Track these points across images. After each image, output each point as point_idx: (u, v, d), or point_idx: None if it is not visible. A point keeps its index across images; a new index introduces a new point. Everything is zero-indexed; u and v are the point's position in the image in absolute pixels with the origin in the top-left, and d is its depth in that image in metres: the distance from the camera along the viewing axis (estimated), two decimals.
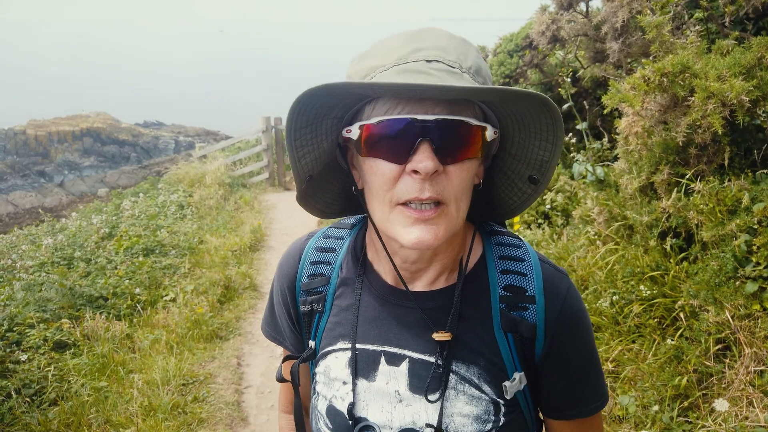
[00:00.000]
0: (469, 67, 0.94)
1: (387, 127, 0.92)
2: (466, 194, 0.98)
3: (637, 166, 3.63)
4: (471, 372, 1.05)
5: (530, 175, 1.04)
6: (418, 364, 1.06)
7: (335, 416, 1.11)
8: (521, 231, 4.82)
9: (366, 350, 1.10)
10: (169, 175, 14.38)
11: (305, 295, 1.19)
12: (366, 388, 1.09)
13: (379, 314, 1.11)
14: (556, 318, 1.05)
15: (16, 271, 7.39)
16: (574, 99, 5.61)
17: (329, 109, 0.98)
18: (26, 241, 9.59)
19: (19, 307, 5.67)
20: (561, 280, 1.08)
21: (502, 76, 5.58)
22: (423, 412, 1.05)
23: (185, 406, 4.53)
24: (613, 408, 3.17)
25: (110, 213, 11.13)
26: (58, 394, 4.36)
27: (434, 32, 0.98)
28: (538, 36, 4.72)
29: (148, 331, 5.70)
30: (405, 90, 0.87)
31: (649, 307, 3.32)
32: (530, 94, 0.87)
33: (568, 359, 1.08)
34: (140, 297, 6.40)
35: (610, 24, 3.85)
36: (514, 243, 1.12)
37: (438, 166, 0.90)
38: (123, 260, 7.45)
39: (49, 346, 5.07)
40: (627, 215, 3.71)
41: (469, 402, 1.04)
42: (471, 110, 0.94)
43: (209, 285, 6.87)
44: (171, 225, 9.67)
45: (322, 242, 1.23)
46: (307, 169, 1.05)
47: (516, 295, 1.06)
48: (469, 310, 1.07)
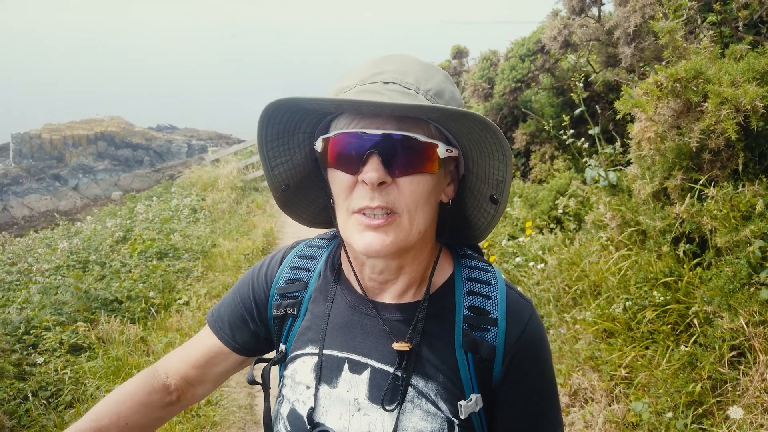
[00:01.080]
0: (428, 90, 1.00)
1: (342, 140, 1.00)
2: (422, 208, 1.02)
3: (650, 171, 3.62)
4: (429, 387, 1.07)
5: (491, 195, 1.08)
6: (379, 374, 1.09)
7: (295, 419, 1.13)
8: (534, 236, 4.81)
9: (331, 356, 1.13)
10: (183, 179, 14.50)
11: (280, 299, 1.23)
12: (327, 394, 1.11)
13: (348, 322, 1.15)
14: (516, 342, 1.08)
15: (33, 275, 7.49)
16: (587, 103, 5.60)
17: (297, 124, 1.08)
18: (42, 244, 9.71)
19: (35, 310, 5.74)
20: (524, 307, 1.12)
21: (513, 81, 5.58)
22: (379, 422, 1.06)
23: (198, 409, 4.57)
24: (627, 414, 3.16)
25: (124, 216, 11.24)
26: (74, 396, 4.41)
27: (400, 58, 1.05)
28: (549, 41, 4.72)
29: (162, 335, 5.74)
30: (356, 107, 0.95)
31: (662, 313, 3.30)
32: (464, 113, 0.93)
33: (524, 385, 1.10)
34: (154, 300, 6.46)
35: (622, 29, 3.84)
36: (483, 267, 1.16)
37: (385, 177, 0.97)
38: (137, 264, 7.52)
39: (65, 349, 5.13)
40: (640, 221, 3.69)
41: (424, 417, 1.05)
42: (423, 129, 1.00)
43: (222, 288, 6.92)
44: (184, 229, 9.75)
45: (305, 251, 1.28)
46: (281, 178, 1.14)
47: (479, 316, 1.09)
48: (434, 327, 1.10)
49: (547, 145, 5.72)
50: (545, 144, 5.75)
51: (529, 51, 5.60)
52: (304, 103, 0.99)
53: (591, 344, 3.64)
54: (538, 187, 5.42)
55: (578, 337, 3.79)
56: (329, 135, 1.03)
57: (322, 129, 1.10)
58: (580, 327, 3.75)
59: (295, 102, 0.99)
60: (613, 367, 3.38)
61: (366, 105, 0.93)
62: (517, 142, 6.02)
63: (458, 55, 10.09)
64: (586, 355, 3.58)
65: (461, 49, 10.02)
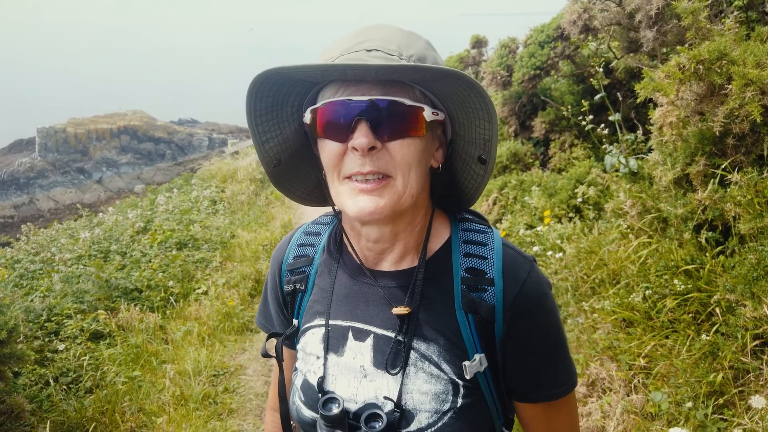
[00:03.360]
0: (411, 55, 1.02)
1: (329, 109, 1.02)
2: (414, 171, 1.03)
3: (671, 157, 3.53)
4: (431, 350, 1.09)
5: (479, 155, 1.09)
6: (382, 339, 1.12)
7: (308, 389, 1.17)
8: (552, 225, 4.74)
9: (337, 326, 1.17)
10: (203, 171, 14.64)
11: (289, 274, 1.27)
12: (335, 363, 1.15)
13: (350, 292, 1.17)
14: (514, 300, 1.08)
15: (55, 264, 7.62)
16: (607, 90, 5.49)
17: (284, 97, 1.09)
18: (65, 234, 9.88)
19: (57, 298, 5.84)
20: (522, 264, 1.12)
21: (532, 68, 5.50)
22: (385, 387, 1.09)
23: (216, 396, 4.61)
24: (645, 404, 3.10)
25: (145, 208, 11.39)
26: (94, 382, 4.47)
27: (382, 28, 1.07)
28: (569, 26, 4.63)
29: (180, 323, 5.81)
30: (341, 71, 0.97)
31: (683, 302, 3.22)
32: (447, 71, 0.93)
33: (527, 342, 1.10)
34: (173, 290, 6.53)
35: (644, 12, 3.74)
36: (479, 229, 1.17)
37: (374, 142, 0.99)
38: (157, 254, 7.61)
39: (85, 336, 5.21)
40: (661, 208, 3.61)
41: (428, 380, 1.07)
42: (408, 93, 1.01)
43: (240, 278, 6.97)
44: (204, 220, 9.85)
45: (310, 228, 1.32)
46: (272, 153, 1.16)
47: (476, 277, 1.10)
48: (432, 291, 1.11)
49: (567, 133, 5.63)
50: (565, 132, 5.66)
51: (548, 37, 5.50)
52: (290, 72, 1.00)
53: (609, 334, 3.58)
54: (557, 176, 5.34)
55: (596, 326, 3.73)
56: (316, 106, 1.04)
57: (309, 101, 1.11)
58: (598, 316, 3.69)
59: (281, 71, 1.00)
60: (632, 357, 3.32)
61: (350, 68, 0.95)
62: (536, 130, 5.94)
63: (477, 45, 9.98)
64: (605, 344, 3.52)
65: (480, 38, 9.91)
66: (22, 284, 6.94)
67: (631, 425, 3.08)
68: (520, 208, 5.39)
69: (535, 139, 6.19)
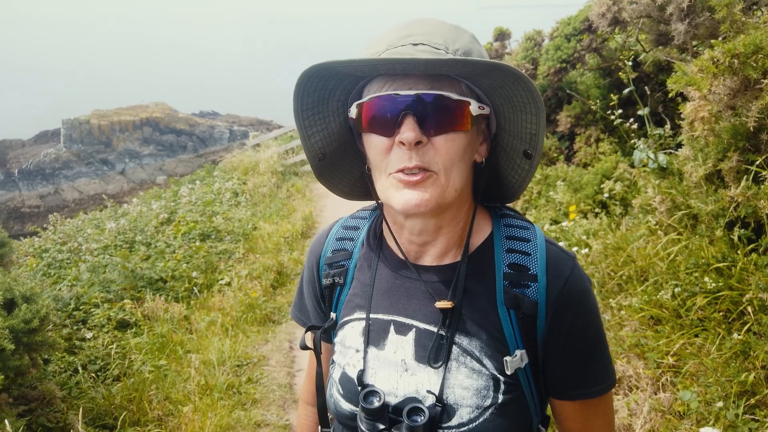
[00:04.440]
0: (457, 49, 1.01)
1: (376, 103, 1.02)
2: (458, 166, 1.03)
3: (703, 152, 3.47)
4: (473, 345, 1.09)
5: (525, 150, 1.08)
6: (424, 334, 1.12)
7: (347, 382, 1.17)
8: (577, 220, 4.70)
9: (378, 320, 1.17)
10: (224, 163, 14.73)
11: (328, 268, 1.27)
12: (376, 356, 1.15)
13: (391, 286, 1.17)
14: (557, 297, 1.07)
15: (82, 254, 7.75)
16: (635, 84, 5.40)
17: (331, 91, 1.10)
18: (91, 225, 10.03)
19: (84, 288, 5.94)
20: (565, 261, 1.11)
21: (558, 61, 5.43)
22: (426, 381, 1.09)
23: (240, 386, 4.66)
24: (674, 403, 3.07)
25: (169, 199, 11.50)
26: (121, 370, 4.55)
27: (426, 21, 1.07)
28: (597, 18, 4.56)
29: (204, 314, 5.87)
30: (390, 66, 0.96)
31: (713, 300, 3.18)
32: (497, 64, 0.93)
33: (569, 339, 1.10)
34: (197, 280, 6.60)
35: (675, 4, 3.67)
36: (522, 225, 1.16)
37: (420, 136, 0.98)
38: (181, 245, 7.70)
39: (112, 325, 5.30)
40: (691, 204, 3.55)
41: (469, 375, 1.07)
42: (455, 87, 1.01)
43: (263, 270, 7.02)
44: (226, 211, 9.92)
45: (349, 222, 1.32)
46: (318, 147, 1.16)
47: (519, 273, 1.10)
48: (474, 286, 1.11)
49: (593, 127, 5.56)
50: (591, 126, 5.59)
51: (575, 30, 5.43)
52: (339, 66, 1.00)
53: (637, 331, 3.54)
54: (582, 170, 5.28)
55: (623, 323, 3.69)
56: (363, 100, 1.05)
57: (355, 96, 1.11)
58: (625, 313, 3.65)
59: (329, 66, 1.00)
60: (660, 355, 3.28)
61: (400, 62, 0.94)
62: (562, 124, 5.87)
63: (500, 38, 9.87)
64: (632, 342, 3.48)
65: (503, 31, 9.80)
66: (50, 273, 7.07)
67: (658, 424, 3.05)
68: (545, 202, 5.34)
69: (560, 133, 6.12)
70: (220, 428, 3.87)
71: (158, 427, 3.86)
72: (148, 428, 3.81)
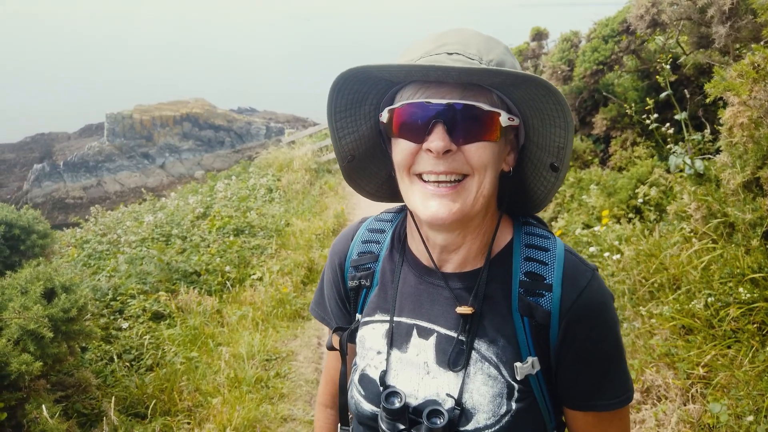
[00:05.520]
0: (490, 60, 1.01)
1: (408, 110, 1.04)
2: (488, 174, 1.04)
3: (741, 159, 3.37)
4: (490, 351, 1.10)
5: (551, 163, 1.09)
6: (445, 339, 1.14)
7: (368, 383, 1.19)
8: (610, 225, 4.62)
9: (401, 323, 1.19)
10: (260, 160, 14.93)
11: (354, 270, 1.30)
12: (398, 359, 1.17)
13: (415, 291, 1.19)
14: (570, 308, 1.08)
15: (121, 245, 7.97)
16: (674, 87, 5.29)
17: (364, 95, 1.12)
18: (130, 217, 10.30)
19: (122, 279, 6.11)
20: (583, 272, 1.11)
21: (594, 63, 5.34)
22: (446, 385, 1.11)
23: (268, 380, 4.74)
24: (703, 415, 3.01)
25: (205, 194, 11.72)
26: (154, 361, 4.67)
27: (461, 31, 1.07)
28: (636, 20, 4.47)
29: (236, 307, 5.98)
30: (425, 72, 0.97)
31: (748, 312, 3.10)
32: (529, 76, 0.94)
33: (582, 351, 1.10)
34: (230, 275, 6.72)
35: (717, 7, 3.58)
36: (542, 234, 1.17)
37: (450, 145, 1.00)
38: (215, 239, 7.84)
39: (147, 316, 5.43)
40: (728, 212, 3.46)
41: (485, 381, 1.09)
42: (486, 97, 1.03)
43: (294, 266, 7.10)
44: (260, 207, 10.06)
45: (374, 224, 1.34)
46: (348, 149, 1.18)
47: (534, 281, 1.10)
48: (493, 292, 1.13)
49: (629, 131, 5.46)
50: (627, 130, 5.49)
51: (613, 31, 5.33)
52: (375, 71, 1.02)
53: (667, 340, 3.48)
54: (617, 174, 5.19)
55: (653, 332, 3.63)
56: (395, 106, 1.07)
57: (387, 101, 1.13)
58: (656, 322, 3.59)
59: (365, 70, 1.02)
60: (691, 366, 3.22)
61: (434, 69, 0.95)
62: (597, 127, 5.78)
63: (537, 37, 9.76)
64: (662, 351, 3.42)
65: (541, 30, 9.69)
66: (90, 264, 7.29)
67: None
68: (577, 206, 5.27)
69: (595, 135, 6.02)
70: (248, 421, 3.94)
71: (188, 418, 3.96)
72: (177, 418, 3.91)
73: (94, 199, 28.26)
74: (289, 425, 4.21)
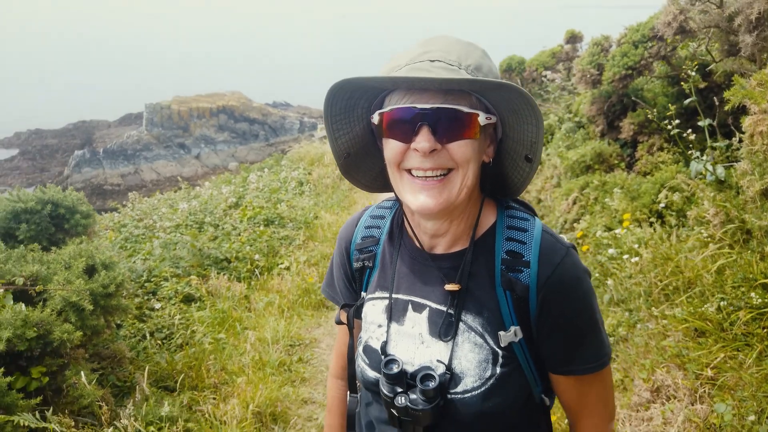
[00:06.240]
0: (468, 65, 1.14)
1: (396, 114, 1.15)
2: (471, 167, 1.17)
3: (760, 167, 3.42)
4: (476, 322, 1.24)
5: (526, 155, 1.21)
6: (436, 312, 1.28)
7: (371, 353, 1.35)
8: (631, 229, 4.67)
9: (399, 299, 1.34)
10: (292, 153, 15.20)
11: (358, 253, 1.45)
12: (397, 331, 1.32)
13: (410, 271, 1.35)
14: (546, 282, 1.20)
15: (156, 231, 8.27)
16: (705, 94, 5.29)
17: (357, 100, 1.25)
18: (165, 204, 10.61)
19: (156, 262, 6.38)
20: (558, 250, 1.23)
21: (623, 68, 5.38)
22: (437, 353, 1.25)
23: (291, 364, 4.93)
24: (709, 415, 3.07)
25: (238, 185, 12.00)
26: (184, 340, 4.90)
27: (443, 39, 1.19)
28: (663, 27, 4.50)
29: (263, 294, 6.20)
30: (409, 83, 1.11)
31: (758, 316, 3.15)
32: (501, 83, 1.05)
33: (558, 321, 1.22)
34: (259, 263, 6.94)
35: (744, 15, 3.61)
36: (522, 217, 1.30)
37: (435, 145, 1.13)
38: (246, 228, 8.08)
39: (179, 298, 5.68)
40: (745, 219, 3.51)
41: (472, 349, 1.23)
42: (466, 100, 1.14)
43: (320, 257, 7.29)
44: (290, 200, 10.29)
45: (376, 211, 1.50)
46: (344, 148, 1.32)
47: (514, 259, 1.23)
48: (478, 269, 1.26)
49: (656, 136, 5.48)
50: (654, 135, 5.51)
51: (644, 37, 5.36)
52: (364, 81, 1.15)
53: (679, 342, 3.54)
54: (641, 179, 5.23)
55: (667, 333, 3.69)
56: (384, 110, 1.19)
57: (377, 104, 1.26)
58: (668, 323, 3.65)
59: (355, 82, 1.15)
60: (700, 367, 3.28)
61: (419, 81, 1.09)
62: (624, 131, 5.81)
63: (572, 40, 9.77)
64: (673, 352, 3.49)
65: (575, 33, 9.69)
66: (126, 246, 7.60)
67: None
68: (600, 209, 5.33)
69: (622, 140, 6.05)
70: (270, 400, 4.14)
71: (213, 394, 4.17)
72: (204, 393, 4.12)
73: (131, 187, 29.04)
74: (308, 407, 4.39)
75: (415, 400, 1.21)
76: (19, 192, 4.72)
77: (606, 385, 1.32)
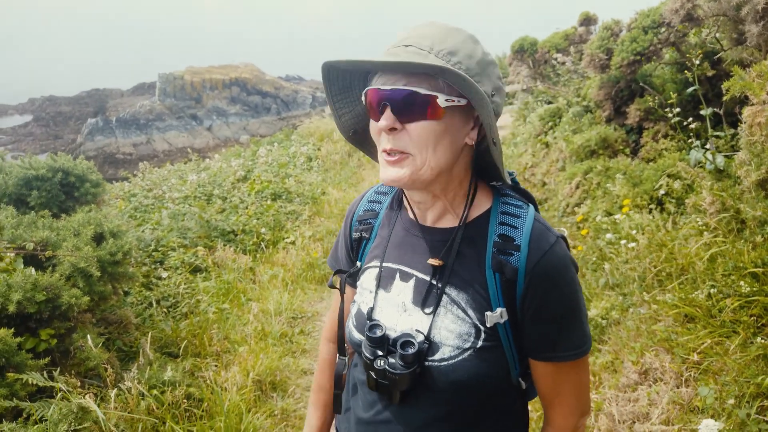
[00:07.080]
0: (441, 50, 1.18)
1: (370, 94, 1.23)
2: (432, 148, 1.20)
3: (758, 158, 3.45)
4: (460, 297, 1.30)
5: (492, 137, 1.23)
6: (422, 283, 1.35)
7: (359, 317, 1.44)
8: (630, 215, 4.72)
9: (389, 267, 1.42)
10: (302, 128, 15.25)
11: (358, 224, 1.55)
12: (383, 297, 1.40)
13: (402, 241, 1.43)
14: (534, 267, 1.25)
15: (165, 201, 8.40)
16: (713, 82, 5.28)
17: (350, 81, 1.32)
18: (175, 175, 10.75)
19: (164, 232, 6.51)
20: (548, 237, 1.28)
21: (632, 53, 5.36)
22: (419, 322, 1.33)
23: (292, 336, 5.07)
24: (693, 398, 3.16)
25: (247, 158, 12.10)
26: (189, 309, 5.05)
27: (428, 26, 1.24)
28: (670, 14, 4.48)
29: (268, 267, 6.33)
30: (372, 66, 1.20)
31: (746, 304, 3.21)
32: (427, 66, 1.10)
33: (541, 306, 1.27)
34: (265, 236, 7.07)
35: (751, 5, 3.60)
36: (517, 204, 1.35)
37: (393, 124, 1.19)
38: (253, 201, 8.20)
39: (185, 268, 5.82)
40: (740, 208, 3.55)
41: (454, 321, 1.30)
42: (430, 83, 1.17)
43: (326, 233, 7.40)
44: (298, 175, 10.38)
45: (380, 188, 1.59)
46: (348, 125, 1.41)
47: (505, 242, 1.29)
48: (468, 250, 1.33)
49: (662, 123, 5.48)
50: (660, 122, 5.51)
51: (654, 22, 5.32)
52: (343, 65, 1.24)
53: (669, 327, 3.62)
54: (644, 165, 5.26)
55: (658, 318, 3.77)
56: (365, 90, 1.26)
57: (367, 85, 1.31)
58: (660, 308, 3.73)
59: (335, 64, 1.24)
60: (687, 351, 3.36)
61: (381, 65, 1.18)
62: (631, 117, 5.81)
63: (585, 23, 9.67)
64: (662, 336, 3.57)
65: (590, 16, 9.59)
66: (135, 216, 7.74)
67: (674, 416, 3.16)
68: (602, 194, 5.37)
69: (628, 126, 6.05)
70: (270, 369, 4.28)
71: (215, 361, 4.32)
72: (206, 360, 4.27)
73: (142, 156, 29.21)
74: (308, 378, 4.52)
75: (393, 364, 1.28)
76: (31, 159, 4.84)
77: (581, 377, 1.36)
